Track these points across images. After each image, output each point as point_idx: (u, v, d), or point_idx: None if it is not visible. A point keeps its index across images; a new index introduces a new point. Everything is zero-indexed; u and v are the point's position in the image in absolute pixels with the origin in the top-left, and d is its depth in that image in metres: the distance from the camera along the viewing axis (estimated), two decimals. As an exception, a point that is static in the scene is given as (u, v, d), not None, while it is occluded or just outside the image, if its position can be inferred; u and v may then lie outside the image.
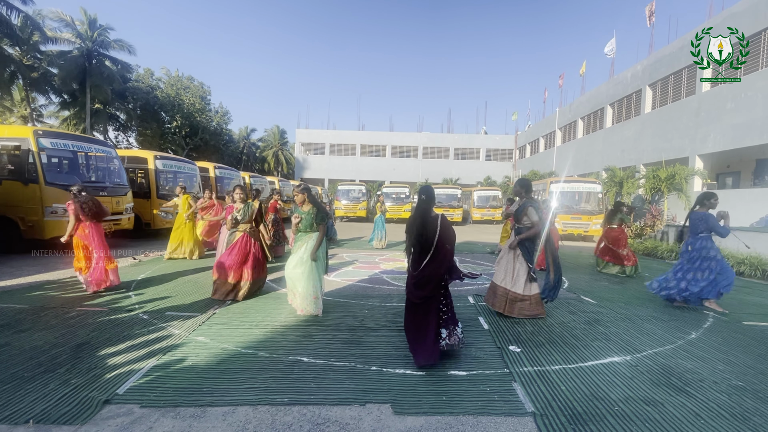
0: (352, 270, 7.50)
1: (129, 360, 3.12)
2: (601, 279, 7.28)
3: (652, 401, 2.72)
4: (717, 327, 4.50)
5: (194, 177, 13.10)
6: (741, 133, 13.05)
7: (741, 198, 12.68)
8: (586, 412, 2.56)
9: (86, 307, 4.51)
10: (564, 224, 15.10)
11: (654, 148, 17.62)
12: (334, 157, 41.00)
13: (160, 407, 2.45)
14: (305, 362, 3.19)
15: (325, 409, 2.49)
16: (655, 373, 3.19)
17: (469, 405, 2.60)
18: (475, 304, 5.22)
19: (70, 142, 8.61)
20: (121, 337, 3.61)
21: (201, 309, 4.58)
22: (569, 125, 27.35)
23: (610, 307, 5.23)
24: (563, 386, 2.91)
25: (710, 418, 2.52)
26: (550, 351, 3.60)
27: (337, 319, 4.32)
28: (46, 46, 24.28)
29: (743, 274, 8.15)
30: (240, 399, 2.57)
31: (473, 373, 3.10)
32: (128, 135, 34.22)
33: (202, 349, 3.41)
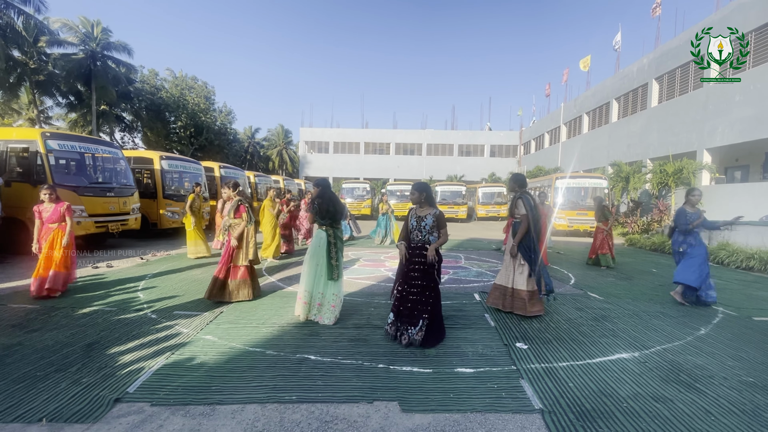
0: (357, 267, 7.52)
1: (138, 358, 3.15)
2: (608, 275, 7.24)
3: (662, 398, 2.70)
4: (726, 323, 4.46)
5: (200, 177, 13.17)
6: (749, 126, 12.87)
7: (749, 192, 12.52)
8: (594, 409, 2.55)
9: (95, 306, 4.57)
10: (570, 220, 15.03)
11: (661, 142, 17.43)
12: (338, 155, 41.00)
13: (171, 405, 2.48)
14: (312, 360, 3.21)
15: (333, 407, 2.50)
16: (663, 369, 3.17)
17: (477, 402, 2.60)
18: (481, 301, 5.21)
19: (77, 144, 8.69)
20: (130, 336, 3.65)
21: (208, 308, 4.61)
22: (574, 120, 27.13)
23: (618, 303, 5.20)
24: (571, 383, 2.90)
25: (721, 415, 2.50)
26: (557, 348, 3.59)
27: (343, 317, 4.32)
28: (51, 49, 24.53)
29: (753, 269, 8.07)
30: (249, 397, 2.59)
31: (480, 370, 3.09)
32: (134, 136, 34.50)
33: (211, 347, 3.43)
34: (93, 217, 8.26)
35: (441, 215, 3.66)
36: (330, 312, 4.13)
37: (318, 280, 4.15)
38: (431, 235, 3.60)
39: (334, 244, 4.17)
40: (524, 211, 4.43)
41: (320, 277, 4.13)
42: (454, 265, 7.96)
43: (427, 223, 3.63)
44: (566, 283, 6.43)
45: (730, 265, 8.49)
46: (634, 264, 8.70)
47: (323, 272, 4.12)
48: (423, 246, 3.63)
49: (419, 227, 3.66)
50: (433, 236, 3.61)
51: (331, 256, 4.12)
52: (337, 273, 4.17)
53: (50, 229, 5.08)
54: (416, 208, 3.79)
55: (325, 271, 4.11)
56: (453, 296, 5.44)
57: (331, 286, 4.14)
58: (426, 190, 3.75)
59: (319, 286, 4.15)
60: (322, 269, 4.12)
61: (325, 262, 4.11)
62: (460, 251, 10.06)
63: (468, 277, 6.80)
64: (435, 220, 3.63)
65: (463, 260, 8.65)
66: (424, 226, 3.63)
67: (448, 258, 8.91)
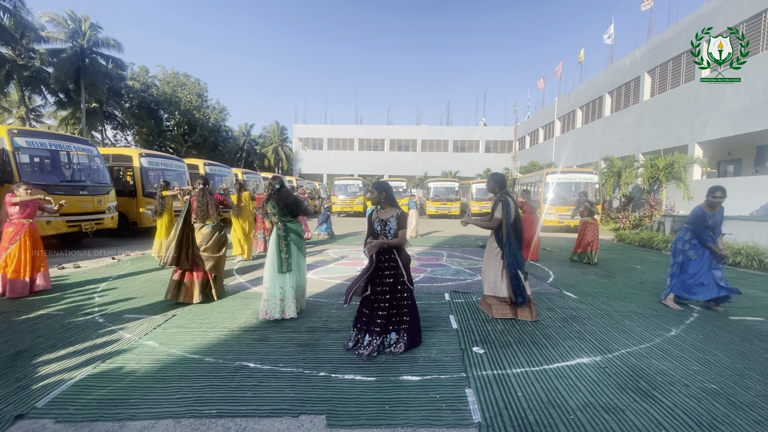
0: (333, 266, 7.33)
1: (63, 368, 2.95)
2: (590, 272, 7.05)
3: (614, 408, 2.52)
4: (700, 323, 4.27)
5: (183, 174, 12.94)
6: (740, 119, 12.66)
7: (740, 186, 12.32)
8: (538, 422, 2.36)
9: (43, 310, 4.37)
10: (560, 216, 14.83)
11: (653, 136, 17.22)
12: (332, 151, 40.76)
13: (77, 422, 2.29)
14: (250, 368, 3.02)
15: (253, 422, 2.31)
16: (623, 375, 2.99)
17: (413, 415, 2.41)
18: (450, 301, 5.01)
19: (47, 141, 8.45)
20: (66, 342, 3.46)
21: (163, 310, 4.42)
22: (568, 115, 26.88)
23: (591, 303, 5.01)
24: (520, 392, 2.71)
25: (673, 427, 2.32)
26: (515, 352, 3.40)
27: (299, 320, 4.14)
28: (39, 45, 24.21)
29: (739, 265, 7.89)
30: (165, 411, 2.40)
31: (427, 378, 2.90)
32: (126, 134, 34.17)
33: (147, 355, 3.24)
34: (65, 216, 8.05)
35: (402, 215, 3.45)
36: (293, 303, 4.16)
37: (274, 276, 4.12)
38: (397, 238, 3.40)
39: (284, 237, 4.18)
40: (499, 216, 4.26)
41: (273, 271, 4.12)
42: (434, 263, 7.77)
43: (391, 226, 3.41)
44: (544, 281, 6.24)
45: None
46: (619, 260, 8.52)
47: (275, 266, 4.11)
48: (391, 251, 3.42)
49: (384, 231, 3.43)
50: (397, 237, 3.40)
51: (281, 249, 4.12)
52: (287, 266, 4.13)
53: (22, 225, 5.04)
54: (377, 209, 3.58)
55: (276, 264, 4.10)
56: (423, 296, 5.24)
57: (288, 279, 4.13)
58: (386, 189, 3.53)
59: (277, 282, 4.12)
60: (275, 264, 4.11)
61: (276, 255, 4.11)
62: (444, 248, 9.88)
63: (445, 276, 6.61)
64: (397, 221, 3.42)
65: (445, 257, 8.46)
66: (389, 230, 3.41)
67: (430, 255, 8.73)
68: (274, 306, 4.12)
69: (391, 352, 3.30)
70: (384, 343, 3.34)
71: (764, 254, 7.66)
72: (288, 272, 4.14)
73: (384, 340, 3.36)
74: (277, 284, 4.12)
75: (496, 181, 4.46)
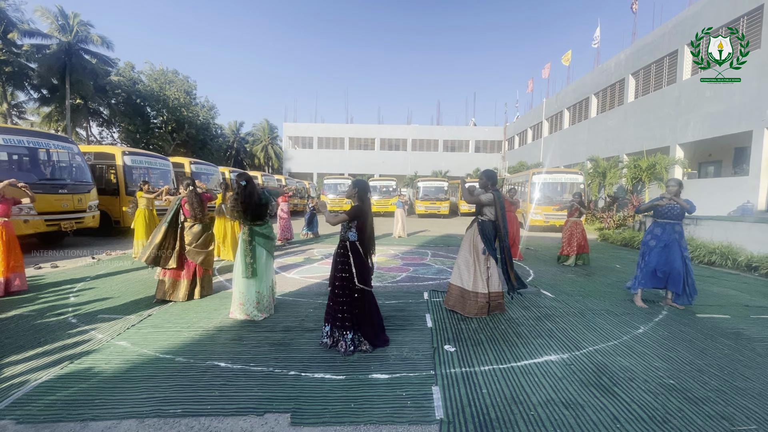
0: (317, 266, 7.33)
1: (30, 369, 2.93)
2: (569, 272, 7.17)
3: (574, 404, 2.59)
4: (668, 320, 4.39)
5: (168, 173, 12.81)
6: (719, 121, 12.96)
7: (718, 187, 12.62)
8: (499, 418, 2.42)
9: (15, 311, 4.31)
10: (546, 215, 15.02)
11: (636, 137, 17.52)
12: (323, 150, 40.59)
13: (38, 423, 2.28)
14: (221, 368, 3.03)
15: (217, 421, 2.33)
16: (587, 372, 3.07)
17: (377, 413, 2.45)
18: (428, 300, 5.06)
19: (24, 138, 8.30)
20: (34, 343, 3.42)
21: (138, 310, 4.40)
22: (556, 116, 27.19)
23: (566, 301, 5.11)
24: (485, 389, 2.77)
25: (627, 422, 2.39)
26: (486, 350, 3.46)
27: (275, 320, 4.15)
28: (22, 41, 23.69)
29: (713, 263, 8.09)
30: (130, 411, 2.41)
31: (396, 376, 2.95)
32: (112, 131, 33.63)
33: (117, 355, 3.23)
34: (43, 215, 7.92)
35: (355, 207, 3.43)
36: (255, 309, 4.13)
37: (239, 280, 4.14)
38: (350, 231, 3.42)
39: (249, 242, 4.13)
40: (484, 200, 4.43)
41: (238, 276, 4.13)
42: (417, 263, 7.83)
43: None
44: (523, 280, 6.32)
45: (693, 260, 8.49)
46: (600, 260, 8.67)
47: (240, 270, 4.09)
48: (343, 243, 3.45)
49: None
50: (352, 231, 3.42)
51: (246, 253, 4.09)
52: (252, 270, 4.09)
53: None
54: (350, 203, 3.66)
55: (242, 269, 4.08)
56: (402, 295, 5.29)
57: (254, 284, 4.09)
58: (359, 187, 3.54)
59: (241, 286, 4.12)
60: (240, 269, 4.09)
61: (241, 260, 4.09)
62: (429, 248, 9.94)
63: (426, 275, 6.66)
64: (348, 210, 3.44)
65: (429, 257, 8.53)
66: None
67: (414, 255, 8.79)
68: (245, 309, 4.14)
69: (349, 349, 3.32)
70: (354, 340, 3.37)
71: (738, 253, 7.87)
72: (253, 278, 4.11)
73: (346, 335, 3.37)
74: (240, 288, 4.15)
75: (489, 177, 4.60)
